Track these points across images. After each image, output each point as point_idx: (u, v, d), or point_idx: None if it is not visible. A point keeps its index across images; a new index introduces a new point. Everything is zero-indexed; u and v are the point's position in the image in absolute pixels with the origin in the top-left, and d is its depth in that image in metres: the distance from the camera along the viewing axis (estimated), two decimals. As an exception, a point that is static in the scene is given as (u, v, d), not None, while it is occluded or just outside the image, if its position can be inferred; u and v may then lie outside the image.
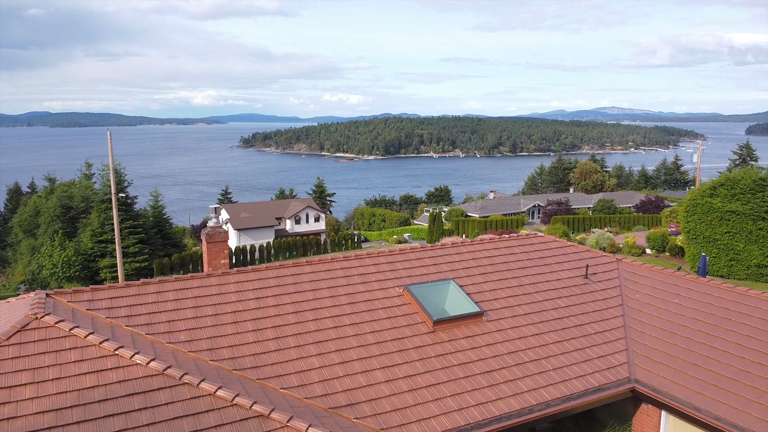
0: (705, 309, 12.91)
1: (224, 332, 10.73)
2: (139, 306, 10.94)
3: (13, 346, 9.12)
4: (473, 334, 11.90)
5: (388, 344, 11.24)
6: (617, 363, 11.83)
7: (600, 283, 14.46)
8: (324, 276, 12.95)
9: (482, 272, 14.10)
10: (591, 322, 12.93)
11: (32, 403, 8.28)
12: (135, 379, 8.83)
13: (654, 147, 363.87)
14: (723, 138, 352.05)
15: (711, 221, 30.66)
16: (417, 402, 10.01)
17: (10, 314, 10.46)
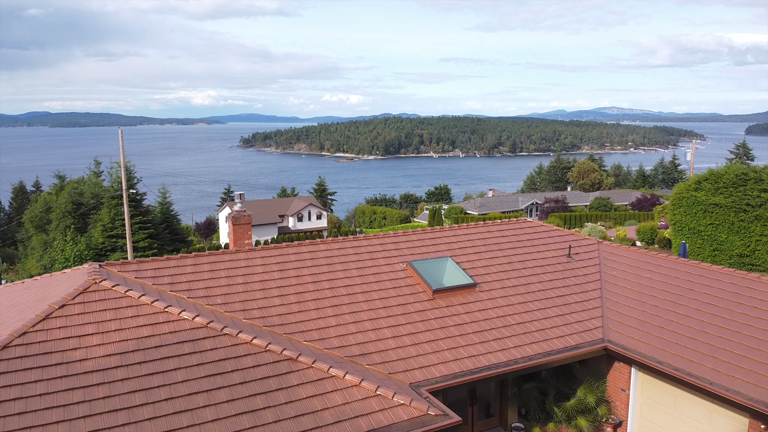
0: (672, 282, 14.67)
1: (253, 297, 12.48)
2: (179, 275, 12.69)
3: (77, 305, 10.86)
4: (467, 301, 13.66)
5: (393, 308, 12.99)
6: (593, 327, 13.58)
7: (581, 262, 16.22)
8: (337, 253, 14.71)
9: (476, 251, 15.86)
10: (571, 294, 14.69)
11: (99, 348, 10.03)
12: (183, 331, 10.58)
13: (653, 147, 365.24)
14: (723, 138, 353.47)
15: (696, 214, 32.43)
16: (419, 354, 11.76)
17: (69, 281, 12.19)
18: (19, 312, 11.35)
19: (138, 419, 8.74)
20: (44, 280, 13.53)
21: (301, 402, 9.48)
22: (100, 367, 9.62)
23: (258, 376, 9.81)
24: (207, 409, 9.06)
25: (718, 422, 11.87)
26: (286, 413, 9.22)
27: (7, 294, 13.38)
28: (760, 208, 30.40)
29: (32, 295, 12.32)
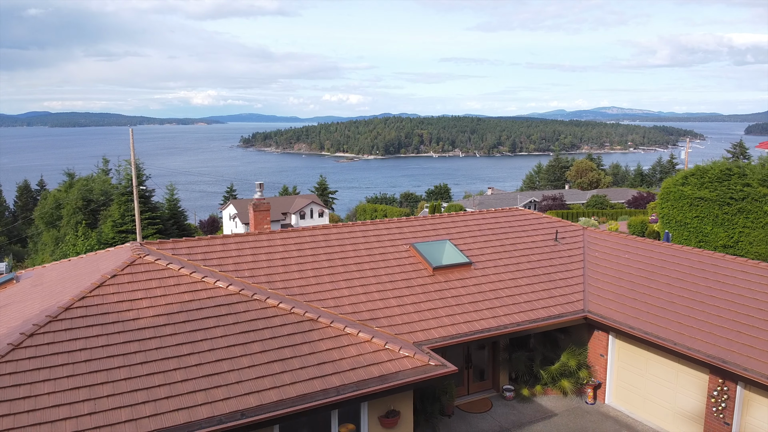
0: (646, 261, 16.39)
1: (276, 271, 14.21)
2: (210, 253, 14.42)
3: (126, 275, 12.57)
4: (463, 277, 15.38)
5: (398, 283, 14.72)
6: (575, 300, 15.30)
7: (567, 245, 17.95)
8: (347, 236, 16.44)
9: (472, 235, 17.59)
10: (557, 272, 16.41)
11: (149, 310, 11.74)
12: (219, 297, 12.30)
13: (653, 147, 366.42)
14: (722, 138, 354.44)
15: (682, 207, 34.17)
16: (421, 319, 13.49)
17: (115, 257, 13.90)
18: (74, 282, 13.06)
19: (187, 365, 10.45)
20: (90, 257, 15.26)
21: (322, 353, 11.20)
22: (151, 324, 11.34)
23: (285, 333, 11.54)
24: (243, 358, 10.78)
25: (683, 380, 13.59)
26: (310, 361, 10.93)
27: (56, 270, 15.09)
28: (743, 202, 32.15)
29: (82, 269, 14.03)
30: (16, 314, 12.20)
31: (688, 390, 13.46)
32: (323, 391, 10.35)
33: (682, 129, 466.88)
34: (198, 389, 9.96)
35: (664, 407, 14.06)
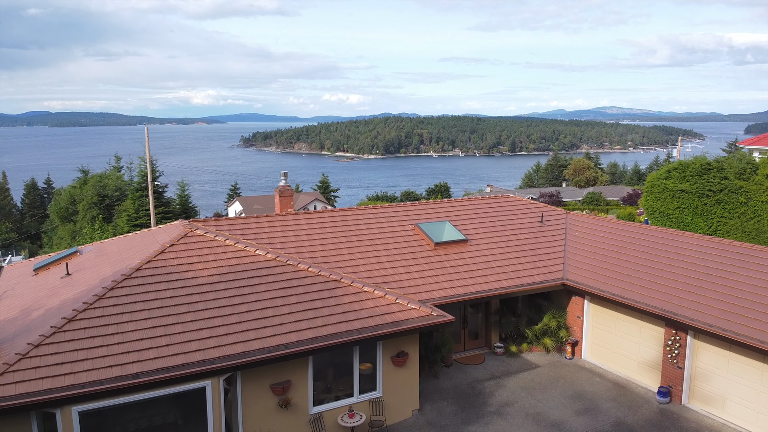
0: (618, 238, 19.03)
1: (303, 244, 16.86)
2: (247, 229, 17.06)
3: (182, 244, 15.21)
4: (460, 251, 18.02)
5: (405, 255, 17.37)
6: (556, 270, 17.95)
7: (551, 225, 20.60)
8: (361, 217, 19.09)
9: (468, 217, 20.25)
10: (541, 247, 19.06)
11: (203, 271, 14.37)
12: (259, 261, 14.93)
13: (653, 146, 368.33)
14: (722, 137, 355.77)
15: (665, 199, 36.82)
16: (425, 283, 16.13)
17: (168, 232, 16.52)
18: (137, 251, 15.69)
19: (239, 311, 13.07)
20: (144, 232, 17.90)
21: (345, 305, 13.83)
22: (207, 282, 13.97)
23: (315, 290, 14.17)
24: (284, 307, 13.41)
25: (645, 334, 16.22)
26: (336, 310, 13.57)
27: (114, 243, 17.71)
28: (720, 193, 34.83)
29: (140, 242, 16.65)
30: (91, 276, 14.82)
31: (649, 342, 16.10)
32: (347, 331, 12.98)
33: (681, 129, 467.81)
34: (250, 329, 12.60)
35: (630, 359, 16.71)
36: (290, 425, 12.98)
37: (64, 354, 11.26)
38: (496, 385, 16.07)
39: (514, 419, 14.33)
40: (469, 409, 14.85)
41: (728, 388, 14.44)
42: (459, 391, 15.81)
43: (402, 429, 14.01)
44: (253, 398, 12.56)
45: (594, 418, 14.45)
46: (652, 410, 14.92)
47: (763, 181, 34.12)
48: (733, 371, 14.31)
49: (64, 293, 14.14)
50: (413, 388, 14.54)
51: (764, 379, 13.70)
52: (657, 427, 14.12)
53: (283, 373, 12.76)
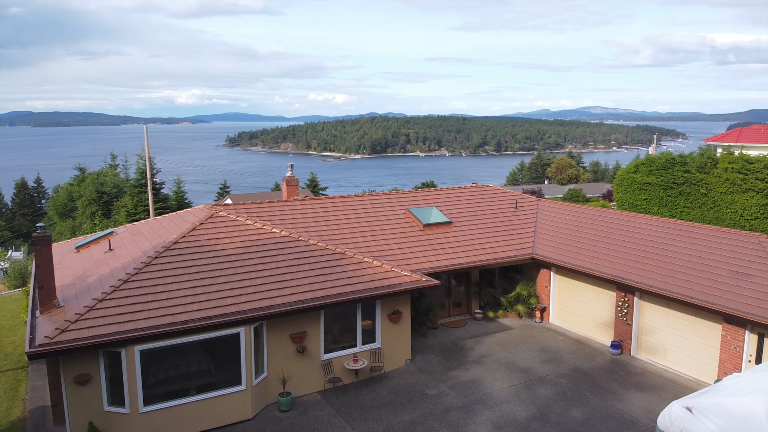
0: (581, 220, 22.03)
1: (309, 225, 19.61)
2: (262, 212, 19.78)
3: (209, 224, 17.89)
4: (445, 231, 20.90)
5: (397, 234, 20.20)
6: (527, 246, 20.90)
7: (524, 210, 23.57)
8: (359, 203, 21.89)
9: (453, 203, 23.15)
10: (515, 228, 22.00)
11: (230, 244, 17.05)
12: (275, 238, 17.65)
13: (636, 146, 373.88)
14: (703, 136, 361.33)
15: (633, 191, 40.05)
16: (415, 257, 18.97)
17: (194, 215, 19.17)
18: (169, 230, 18.32)
19: (263, 276, 15.78)
20: (172, 215, 20.53)
21: (349, 271, 16.61)
22: (234, 253, 16.67)
23: (323, 260, 16.94)
24: (299, 272, 16.16)
25: (601, 299, 19.20)
26: (342, 276, 16.35)
27: (146, 225, 20.32)
28: (683, 186, 38.12)
29: (171, 223, 19.27)
30: (133, 250, 17.44)
31: (604, 305, 19.09)
32: (351, 291, 15.77)
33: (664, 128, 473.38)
34: (273, 288, 15.34)
35: (589, 320, 19.69)
36: (306, 368, 15.75)
37: (124, 306, 13.91)
38: (476, 342, 18.97)
39: (489, 366, 17.24)
40: (452, 359, 17.73)
41: (668, 340, 17.46)
42: (444, 346, 18.69)
43: (397, 374, 16.85)
44: (276, 345, 15.31)
45: (556, 366, 17.39)
46: (605, 360, 17.90)
47: (722, 174, 37.44)
48: (671, 325, 17.33)
49: (112, 263, 16.77)
50: (406, 341, 17.38)
51: (696, 330, 16.73)
52: (608, 371, 17.08)
53: (300, 324, 15.53)
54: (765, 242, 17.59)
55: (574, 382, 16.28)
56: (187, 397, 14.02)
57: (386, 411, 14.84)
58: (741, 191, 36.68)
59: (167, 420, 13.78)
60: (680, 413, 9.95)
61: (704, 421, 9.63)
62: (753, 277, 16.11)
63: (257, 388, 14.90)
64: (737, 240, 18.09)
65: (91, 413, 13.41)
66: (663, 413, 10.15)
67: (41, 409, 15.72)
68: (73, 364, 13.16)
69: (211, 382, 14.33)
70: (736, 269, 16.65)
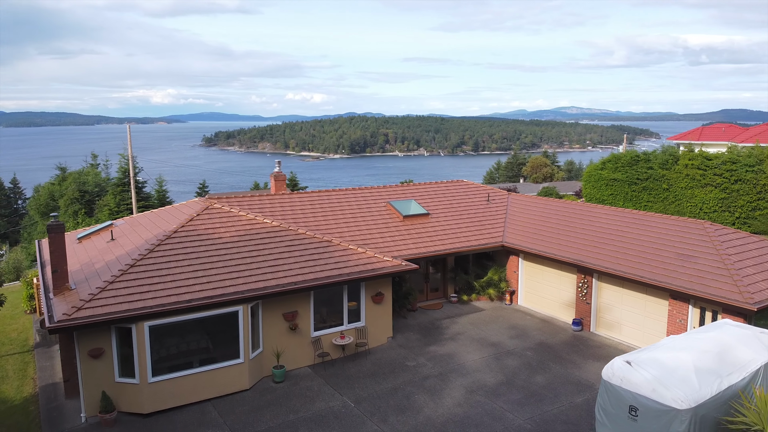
0: (546, 211, 23.98)
1: (298, 216, 21.19)
2: (253, 204, 21.30)
3: (205, 215, 19.36)
4: (423, 222, 22.66)
5: (379, 224, 21.90)
6: (497, 235, 22.76)
7: (495, 204, 25.47)
8: (343, 197, 23.52)
9: (430, 197, 24.93)
10: (487, 219, 23.87)
11: (225, 233, 18.55)
12: (267, 227, 19.21)
13: (611, 145, 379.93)
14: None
15: (600, 187, 42.33)
16: (396, 245, 20.68)
17: (190, 207, 20.60)
18: (168, 221, 19.73)
19: (258, 261, 17.32)
20: (168, 208, 21.91)
21: (336, 257, 18.24)
22: (229, 240, 18.17)
23: (312, 247, 18.55)
24: (290, 258, 17.73)
25: (563, 281, 21.14)
26: (329, 260, 17.97)
27: (144, 218, 21.67)
28: (647, 181, 40.47)
29: (168, 215, 20.68)
30: (135, 239, 18.82)
31: (566, 287, 21.02)
32: (338, 274, 17.41)
33: (638, 128, 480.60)
34: (267, 272, 16.90)
35: (553, 301, 21.62)
36: (297, 344, 17.35)
37: (132, 287, 15.35)
38: (451, 322, 20.77)
39: (463, 342, 19.03)
40: (430, 336, 19.49)
41: (623, 317, 19.44)
42: (422, 326, 20.45)
43: (380, 350, 18.54)
44: (270, 323, 16.87)
45: (523, 341, 19.25)
46: (567, 335, 19.83)
47: (683, 170, 39.88)
48: (626, 303, 19.31)
49: (116, 251, 18.15)
50: (388, 320, 19.07)
51: (647, 307, 18.72)
52: (570, 345, 19.00)
53: (292, 304, 17.12)
54: (709, 228, 19.67)
55: (539, 354, 18.15)
56: (190, 369, 15.51)
57: (370, 380, 16.52)
58: (700, 186, 39.13)
59: (173, 390, 15.25)
60: (621, 365, 11.83)
61: (641, 372, 11.50)
62: (696, 259, 18.15)
63: (254, 362, 16.45)
64: (684, 226, 20.16)
65: (104, 384, 14.83)
66: (607, 366, 12.03)
67: (51, 385, 17.06)
68: (87, 339, 14.56)
69: (212, 356, 15.84)
70: (682, 252, 18.69)
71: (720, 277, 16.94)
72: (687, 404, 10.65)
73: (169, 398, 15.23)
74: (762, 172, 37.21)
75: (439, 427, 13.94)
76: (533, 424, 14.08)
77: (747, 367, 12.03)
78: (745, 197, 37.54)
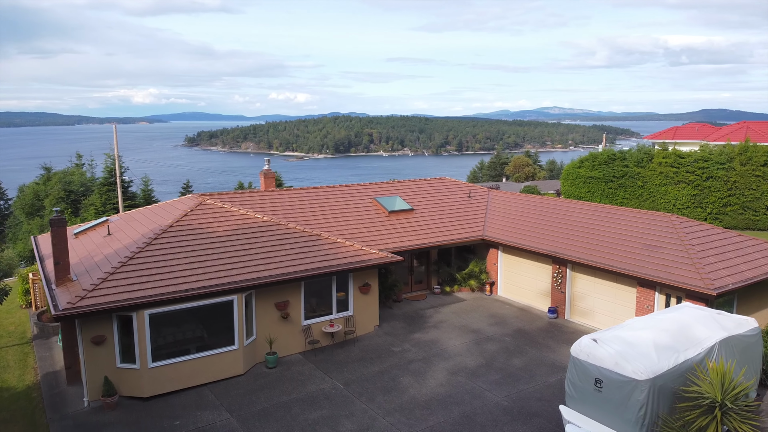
0: (524, 206, 25.18)
1: (287, 212, 22.13)
2: (245, 200, 22.20)
3: (198, 211, 20.21)
4: (408, 218, 23.72)
5: (365, 219, 22.92)
6: (478, 229, 23.91)
7: (476, 199, 26.63)
8: (331, 193, 24.51)
9: (414, 194, 26.02)
10: (468, 214, 25.00)
11: (218, 228, 19.42)
12: (259, 222, 20.12)
13: (592, 145, 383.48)
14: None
15: (578, 184, 43.77)
16: (382, 239, 21.71)
17: (184, 203, 21.42)
18: (162, 217, 20.55)
19: (250, 253, 18.24)
20: (162, 204, 22.70)
21: (325, 250, 19.22)
22: (223, 234, 19.05)
23: (302, 240, 19.50)
24: (281, 251, 18.67)
25: (540, 272, 22.33)
26: (319, 253, 18.94)
27: (139, 213, 22.44)
28: (622, 179, 41.98)
29: (162, 210, 21.48)
30: (131, 233, 19.61)
31: (542, 277, 22.22)
32: (327, 265, 18.39)
33: (620, 128, 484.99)
34: (260, 263, 17.82)
35: (530, 291, 22.80)
36: (289, 332, 18.30)
37: (132, 278, 16.19)
38: (434, 312, 21.86)
39: (446, 329, 20.12)
40: (414, 325, 20.56)
41: (595, 304, 20.66)
42: (407, 315, 21.51)
43: (367, 337, 19.56)
44: (263, 312, 17.80)
45: (502, 327, 20.40)
46: (544, 323, 21.01)
47: (657, 168, 41.44)
48: (597, 292, 20.54)
49: (114, 245, 18.94)
50: (374, 310, 20.09)
51: (617, 295, 19.96)
52: (546, 332, 20.18)
53: (284, 294, 18.07)
54: (675, 221, 20.97)
55: (516, 340, 19.31)
56: (188, 355, 16.39)
57: (358, 364, 17.53)
58: (673, 183, 40.75)
59: (172, 374, 16.12)
60: (588, 343, 12.98)
61: (605, 348, 12.66)
62: (662, 249, 19.42)
63: (248, 349, 17.37)
64: (653, 219, 21.46)
65: (106, 369, 15.66)
66: (575, 344, 13.18)
67: (52, 374, 17.81)
68: (90, 327, 15.38)
69: (208, 343, 16.73)
70: (649, 243, 19.96)
71: (684, 265, 18.22)
72: (646, 375, 11.82)
73: (168, 383, 16.10)
74: (732, 169, 38.90)
75: (423, 405, 14.99)
76: (510, 401, 15.20)
77: (703, 343, 13.25)
78: (717, 194, 39.21)
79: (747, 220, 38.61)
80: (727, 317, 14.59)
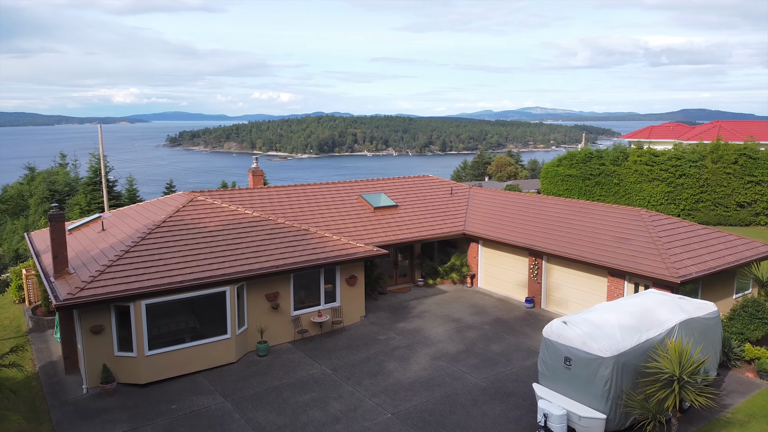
0: (503, 202, 26.29)
1: (276, 208, 22.97)
2: (234, 197, 22.99)
3: (190, 207, 20.99)
4: (392, 213, 24.70)
5: (352, 215, 23.85)
6: (459, 224, 24.96)
7: (458, 196, 27.70)
8: (318, 190, 25.39)
9: (398, 190, 27.00)
10: (450, 210, 26.05)
11: (210, 223, 20.22)
12: (249, 217, 20.94)
13: (574, 145, 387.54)
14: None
15: (557, 182, 45.11)
16: (367, 234, 22.66)
17: (176, 200, 22.16)
18: (155, 213, 21.27)
19: (241, 247, 19.06)
20: (154, 201, 23.38)
21: (313, 244, 20.11)
22: (214, 229, 19.85)
23: (291, 235, 20.37)
24: (271, 245, 19.53)
25: (517, 264, 23.43)
26: (307, 247, 19.83)
27: (132, 210, 23.12)
28: (599, 177, 43.37)
29: (155, 207, 22.19)
30: (125, 229, 20.32)
31: (520, 269, 23.33)
32: (316, 258, 19.29)
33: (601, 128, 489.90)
34: (251, 256, 18.66)
35: (509, 282, 23.90)
36: (279, 322, 19.17)
37: (129, 270, 16.94)
38: (418, 303, 22.86)
39: (428, 319, 21.14)
40: (399, 315, 21.54)
41: (569, 294, 21.80)
42: (392, 306, 22.48)
43: (353, 327, 20.49)
44: (254, 303, 18.65)
45: (482, 316, 21.46)
46: (521, 312, 22.11)
47: (632, 166, 42.90)
48: (572, 282, 21.69)
49: (109, 240, 19.64)
50: (361, 301, 21.03)
51: (590, 284, 21.11)
52: (523, 320, 21.27)
53: (274, 286, 18.93)
54: (644, 215, 22.20)
55: (495, 328, 20.37)
56: (183, 343, 17.19)
57: (346, 352, 18.46)
58: (648, 181, 42.24)
59: (167, 362, 16.91)
60: (558, 325, 14.05)
61: (574, 329, 13.73)
62: (632, 241, 20.61)
63: (239, 338, 18.21)
64: (623, 214, 22.67)
65: (104, 357, 16.40)
66: (546, 326, 14.25)
67: (49, 364, 18.49)
68: (89, 317, 16.11)
69: (202, 332, 17.53)
70: (619, 235, 21.15)
71: (651, 256, 19.41)
72: (610, 353, 12.91)
73: (164, 370, 16.88)
74: (704, 167, 40.50)
75: (407, 388, 15.97)
76: (488, 383, 16.24)
77: (664, 324, 14.39)
78: (689, 190, 40.78)
79: (718, 215, 40.21)
80: (689, 302, 15.77)
